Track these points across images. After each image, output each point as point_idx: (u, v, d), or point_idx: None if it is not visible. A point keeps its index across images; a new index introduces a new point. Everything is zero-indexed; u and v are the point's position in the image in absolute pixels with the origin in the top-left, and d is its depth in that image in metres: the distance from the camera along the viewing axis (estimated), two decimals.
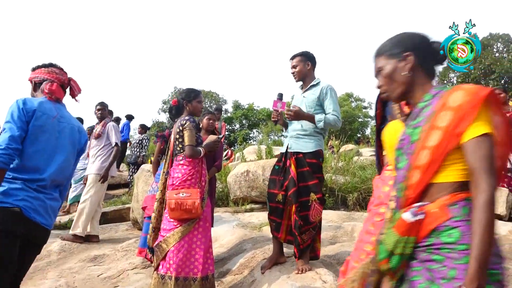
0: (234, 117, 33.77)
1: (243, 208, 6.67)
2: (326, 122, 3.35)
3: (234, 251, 4.49)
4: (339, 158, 8.57)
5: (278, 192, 3.43)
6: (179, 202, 3.13)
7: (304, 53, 3.56)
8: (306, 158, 3.36)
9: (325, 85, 3.47)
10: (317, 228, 3.41)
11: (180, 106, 3.61)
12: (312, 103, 3.46)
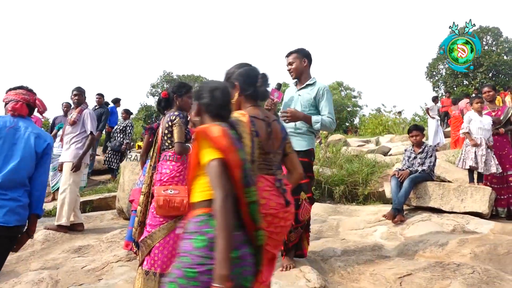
0: None
1: None
2: (322, 124, 3.35)
3: None
4: (326, 150, 8.59)
5: None
6: (167, 199, 3.11)
7: (300, 50, 3.55)
8: (298, 156, 3.33)
9: (321, 86, 3.47)
10: (305, 227, 3.43)
11: (170, 99, 3.56)
12: (307, 103, 3.45)
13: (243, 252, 1.68)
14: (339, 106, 28.21)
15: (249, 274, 1.71)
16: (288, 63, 3.55)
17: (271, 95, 3.45)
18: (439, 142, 12.10)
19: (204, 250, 1.60)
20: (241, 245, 1.68)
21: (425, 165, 5.10)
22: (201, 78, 35.00)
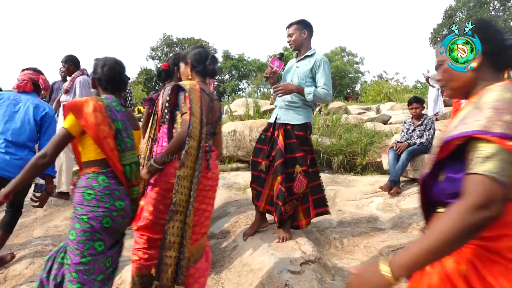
0: (224, 67, 33.24)
1: (229, 166, 6.74)
2: (315, 95, 3.32)
3: (218, 214, 4.58)
4: (326, 119, 8.59)
5: (261, 161, 3.50)
6: None
7: (300, 21, 3.50)
8: (294, 130, 3.38)
9: (319, 57, 3.43)
10: (300, 199, 3.49)
11: (170, 71, 3.53)
12: (304, 75, 3.42)
13: (126, 203, 2.10)
14: (341, 72, 27.95)
15: (127, 223, 2.18)
16: (288, 34, 3.51)
17: (271, 63, 3.46)
18: (438, 111, 12.06)
19: (92, 201, 1.99)
20: (124, 198, 2.10)
21: (424, 137, 5.12)
22: (201, 41, 34.49)
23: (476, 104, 1.16)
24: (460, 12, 28.18)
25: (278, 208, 3.37)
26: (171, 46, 34.43)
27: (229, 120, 9.30)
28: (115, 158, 2.07)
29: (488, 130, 1.04)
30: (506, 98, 1.11)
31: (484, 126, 1.05)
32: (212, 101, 2.62)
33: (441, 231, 1.00)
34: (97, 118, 2.01)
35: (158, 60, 34.17)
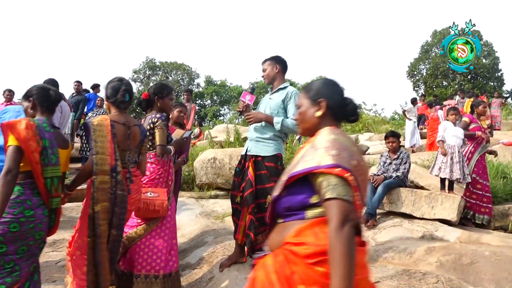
0: (206, 93, 33.40)
1: (208, 194, 6.72)
2: (283, 125, 3.42)
3: (195, 243, 4.56)
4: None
5: (237, 194, 3.58)
6: (147, 202, 3.14)
7: (273, 57, 3.68)
8: (264, 161, 3.46)
9: (291, 89, 3.57)
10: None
11: (151, 100, 3.56)
12: (276, 106, 3.53)
13: (37, 212, 2.37)
14: None
15: (40, 229, 2.40)
16: (262, 69, 3.69)
17: (243, 97, 3.59)
18: (415, 143, 12.37)
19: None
20: (36, 207, 2.37)
21: (400, 171, 5.25)
22: (184, 66, 34.69)
23: (312, 144, 1.51)
24: (436, 48, 29.25)
25: (249, 238, 3.41)
26: (154, 69, 34.49)
27: (209, 146, 9.33)
28: (38, 171, 2.36)
29: (320, 165, 1.37)
30: (331, 139, 1.46)
31: (318, 162, 1.38)
32: (130, 128, 2.84)
33: (335, 256, 1.24)
34: (28, 134, 2.33)
35: (140, 82, 34.12)
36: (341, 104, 1.65)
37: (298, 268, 1.32)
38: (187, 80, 34.95)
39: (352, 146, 1.50)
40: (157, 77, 34.31)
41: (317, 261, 1.30)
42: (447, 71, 27.82)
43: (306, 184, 1.42)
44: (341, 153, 1.40)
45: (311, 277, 1.29)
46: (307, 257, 1.31)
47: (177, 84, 33.50)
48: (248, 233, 3.41)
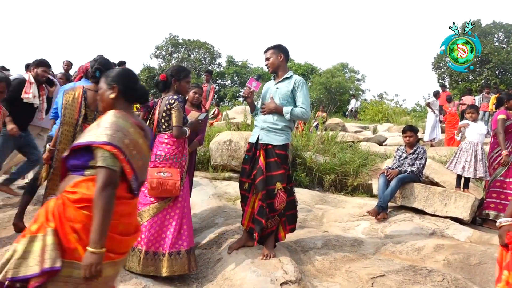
0: (227, 73, 33.35)
1: (221, 175, 6.79)
2: (293, 114, 3.56)
3: (206, 224, 4.64)
4: (322, 136, 8.66)
5: (245, 181, 3.66)
6: (160, 182, 3.21)
7: (276, 46, 3.73)
8: (275, 149, 3.57)
9: (298, 78, 3.68)
10: (281, 215, 3.59)
11: (168, 82, 3.60)
12: (285, 95, 3.63)
13: None
14: (342, 88, 28.06)
15: None
16: (266, 58, 3.74)
17: (249, 83, 3.68)
18: (435, 137, 12.19)
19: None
20: None
21: (415, 166, 5.20)
22: (207, 44, 34.60)
23: (98, 122, 1.95)
24: None
25: (259, 223, 3.49)
26: (176, 47, 34.50)
27: (226, 128, 9.37)
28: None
29: (97, 140, 1.83)
30: (111, 121, 1.91)
31: (96, 137, 1.84)
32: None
33: (97, 208, 1.72)
34: None
35: (162, 59, 34.22)
36: (131, 89, 2.14)
37: (69, 210, 1.77)
38: (208, 59, 34.91)
39: (130, 128, 1.98)
40: (179, 54, 34.35)
41: (83, 206, 1.77)
42: (474, 65, 27.09)
43: (88, 151, 1.86)
44: (115, 133, 1.88)
45: (77, 217, 1.77)
46: (76, 202, 1.78)
47: (199, 62, 33.49)
48: (258, 219, 3.48)
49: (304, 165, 7.07)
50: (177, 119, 3.38)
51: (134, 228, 2.05)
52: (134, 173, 1.96)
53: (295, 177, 6.76)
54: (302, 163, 7.09)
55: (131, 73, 2.24)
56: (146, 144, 2.09)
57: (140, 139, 2.02)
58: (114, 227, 1.81)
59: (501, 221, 2.14)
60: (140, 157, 2.04)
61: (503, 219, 2.15)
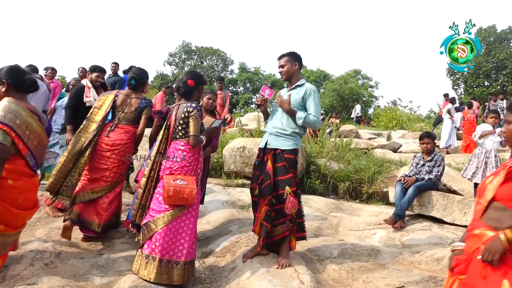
0: (239, 80, 33.41)
1: (235, 182, 6.74)
2: (305, 121, 3.53)
3: (219, 231, 4.58)
4: (336, 144, 8.57)
5: (255, 187, 3.62)
6: (177, 190, 3.17)
7: (291, 53, 3.71)
8: (283, 154, 3.53)
9: (309, 86, 3.66)
10: (293, 221, 3.53)
11: (193, 88, 3.54)
12: (296, 102, 3.61)
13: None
14: (355, 95, 27.89)
15: None
16: (280, 65, 3.71)
17: (262, 91, 3.70)
18: (450, 144, 12.00)
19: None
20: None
21: (432, 174, 5.09)
22: (219, 51, 34.77)
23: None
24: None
25: (264, 229, 3.45)
26: (189, 54, 34.73)
27: (239, 134, 9.34)
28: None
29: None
30: (4, 105, 2.43)
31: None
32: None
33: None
34: None
35: (175, 66, 34.46)
36: (20, 81, 2.64)
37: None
38: (221, 66, 35.06)
39: (22, 111, 2.49)
40: (192, 61, 34.57)
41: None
42: (490, 71, 26.72)
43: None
44: (6, 114, 2.36)
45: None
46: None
47: (211, 69, 33.67)
48: (264, 224, 3.46)
49: (318, 172, 6.99)
50: (195, 128, 3.34)
51: (32, 204, 2.48)
52: (29, 150, 2.44)
53: (309, 184, 6.69)
54: (316, 170, 7.01)
55: (18, 68, 2.78)
56: (41, 128, 2.59)
57: (33, 122, 2.53)
58: (12, 200, 2.13)
59: (455, 245, 2.05)
60: (35, 137, 2.53)
61: (457, 243, 2.06)
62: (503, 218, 1.77)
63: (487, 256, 1.73)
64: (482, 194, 1.90)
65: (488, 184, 1.89)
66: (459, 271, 1.91)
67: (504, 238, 1.70)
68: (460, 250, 1.99)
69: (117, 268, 3.53)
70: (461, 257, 1.93)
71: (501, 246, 1.70)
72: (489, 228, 1.79)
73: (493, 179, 1.87)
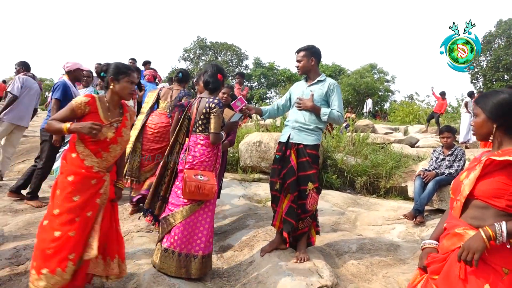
0: (254, 75, 33.36)
1: (251, 176, 6.74)
2: (330, 117, 3.51)
3: (236, 225, 4.58)
4: (352, 139, 8.49)
5: (276, 181, 3.57)
6: (198, 186, 3.16)
7: (308, 47, 3.66)
8: (307, 149, 3.51)
9: (332, 82, 3.64)
10: (313, 217, 3.54)
11: (222, 84, 3.56)
12: (320, 98, 3.59)
13: None
14: (371, 89, 27.59)
15: None
16: (297, 60, 3.67)
17: (236, 108, 3.65)
18: (469, 139, 11.79)
19: None
20: None
21: (453, 168, 4.99)
22: (234, 47, 34.74)
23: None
24: (499, 39, 27.48)
25: (287, 224, 3.45)
26: (204, 49, 34.80)
27: (255, 129, 9.33)
28: None
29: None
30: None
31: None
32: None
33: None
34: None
35: (190, 61, 34.56)
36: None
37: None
38: (236, 61, 35.05)
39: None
40: (207, 57, 34.64)
41: None
42: (510, 64, 26.13)
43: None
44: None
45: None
46: None
47: (226, 65, 33.69)
48: (288, 219, 3.44)
49: (335, 166, 6.93)
50: (216, 125, 3.32)
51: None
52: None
53: (326, 179, 6.64)
54: (333, 165, 6.95)
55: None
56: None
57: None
58: None
59: (425, 243, 1.94)
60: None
61: (428, 240, 1.94)
62: (485, 217, 1.67)
63: (465, 255, 1.61)
64: (457, 190, 1.79)
65: (463, 179, 1.77)
66: (432, 271, 1.79)
67: (485, 236, 1.59)
68: (432, 248, 1.89)
69: (136, 262, 3.55)
70: (436, 256, 1.82)
71: (482, 244, 1.58)
72: (470, 228, 1.68)
73: (468, 174, 1.76)
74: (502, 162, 1.65)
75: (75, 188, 2.52)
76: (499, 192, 1.64)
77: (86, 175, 2.56)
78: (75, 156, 2.58)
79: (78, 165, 2.56)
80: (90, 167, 2.58)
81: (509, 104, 1.71)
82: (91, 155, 2.59)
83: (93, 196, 2.59)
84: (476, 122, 1.79)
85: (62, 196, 2.52)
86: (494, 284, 1.58)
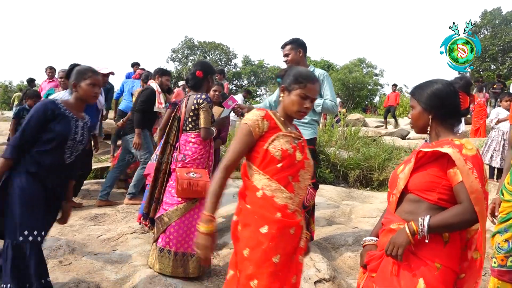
0: (243, 73, 33.33)
1: None
2: (324, 107, 3.52)
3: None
4: (344, 133, 8.52)
5: None
6: (191, 183, 3.14)
7: (294, 40, 3.64)
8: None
9: (321, 72, 3.63)
10: (311, 212, 3.52)
11: (202, 79, 3.49)
12: None
13: None
14: (360, 84, 27.72)
15: None
16: (284, 54, 3.65)
17: (228, 107, 3.73)
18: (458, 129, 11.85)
19: None
20: None
21: None
22: (222, 45, 34.66)
23: None
24: (485, 29, 27.75)
25: None
26: (192, 49, 34.67)
27: None
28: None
29: None
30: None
31: None
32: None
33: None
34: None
35: (178, 62, 34.43)
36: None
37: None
38: (224, 60, 34.98)
39: None
40: (195, 56, 34.52)
41: None
42: (496, 54, 26.39)
43: None
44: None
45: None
46: None
47: (215, 64, 33.61)
48: None
49: (328, 161, 6.94)
50: (205, 120, 3.29)
51: None
52: None
53: (319, 173, 6.64)
54: (326, 159, 6.96)
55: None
56: None
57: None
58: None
59: (366, 240, 1.88)
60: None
61: (368, 237, 1.89)
62: (418, 211, 1.61)
63: (391, 250, 1.58)
64: (394, 184, 1.73)
65: (400, 173, 1.72)
66: (371, 269, 1.75)
67: (409, 230, 1.55)
68: (372, 245, 1.83)
69: (131, 263, 3.52)
70: (373, 253, 1.77)
71: (406, 239, 1.55)
72: (404, 223, 1.61)
73: (404, 167, 1.71)
74: (435, 154, 1.60)
75: (273, 244, 1.77)
76: (431, 185, 1.60)
77: (284, 222, 1.81)
78: (261, 195, 1.86)
79: (271, 207, 1.83)
80: (284, 207, 1.84)
81: (443, 94, 1.67)
82: (281, 189, 1.85)
83: (294, 251, 1.86)
84: (413, 114, 1.74)
85: (256, 257, 1.77)
86: (428, 278, 1.55)
